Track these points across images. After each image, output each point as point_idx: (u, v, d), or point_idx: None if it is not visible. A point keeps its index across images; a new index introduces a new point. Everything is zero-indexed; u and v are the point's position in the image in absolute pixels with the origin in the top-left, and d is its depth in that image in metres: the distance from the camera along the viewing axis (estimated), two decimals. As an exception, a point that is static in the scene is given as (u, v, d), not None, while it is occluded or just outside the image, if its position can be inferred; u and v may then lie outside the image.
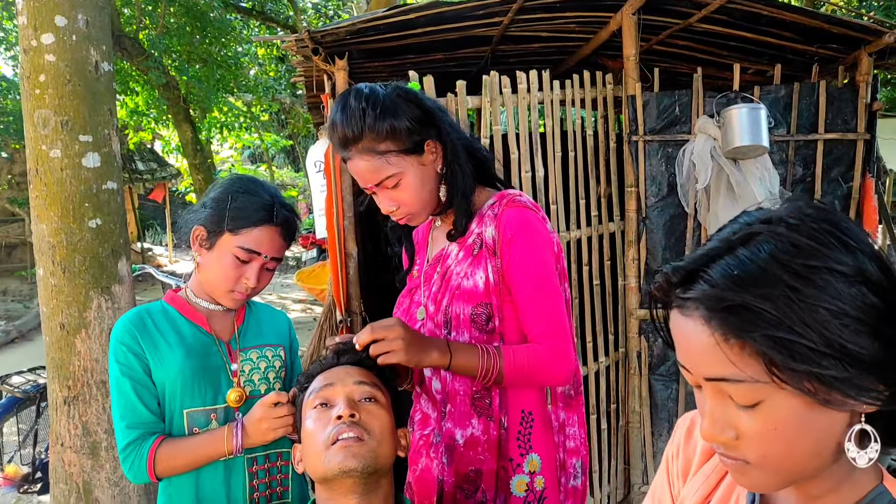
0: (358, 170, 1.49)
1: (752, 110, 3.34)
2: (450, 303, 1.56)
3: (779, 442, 0.71)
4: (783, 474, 0.74)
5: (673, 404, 3.80)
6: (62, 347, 2.91)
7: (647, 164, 3.66)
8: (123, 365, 1.57)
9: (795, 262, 0.69)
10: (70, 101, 2.81)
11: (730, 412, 0.73)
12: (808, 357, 0.67)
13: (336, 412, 1.31)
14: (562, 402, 1.66)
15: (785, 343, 0.67)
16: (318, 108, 4.73)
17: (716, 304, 0.70)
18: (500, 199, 1.58)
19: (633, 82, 3.58)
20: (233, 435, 1.53)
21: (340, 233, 3.35)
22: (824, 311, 0.67)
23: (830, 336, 0.67)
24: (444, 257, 1.63)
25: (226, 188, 1.65)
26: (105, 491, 2.97)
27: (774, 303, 0.68)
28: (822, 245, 0.70)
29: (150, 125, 12.27)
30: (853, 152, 3.67)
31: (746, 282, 0.69)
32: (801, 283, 0.68)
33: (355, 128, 1.45)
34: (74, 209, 2.85)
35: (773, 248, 0.70)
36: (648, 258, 3.72)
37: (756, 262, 0.70)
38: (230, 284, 1.60)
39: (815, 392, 0.68)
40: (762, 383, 0.69)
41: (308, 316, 10.04)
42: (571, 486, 1.66)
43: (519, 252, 1.52)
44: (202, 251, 1.63)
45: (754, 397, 0.71)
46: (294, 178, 21.04)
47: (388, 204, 1.53)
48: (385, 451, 1.32)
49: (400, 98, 1.50)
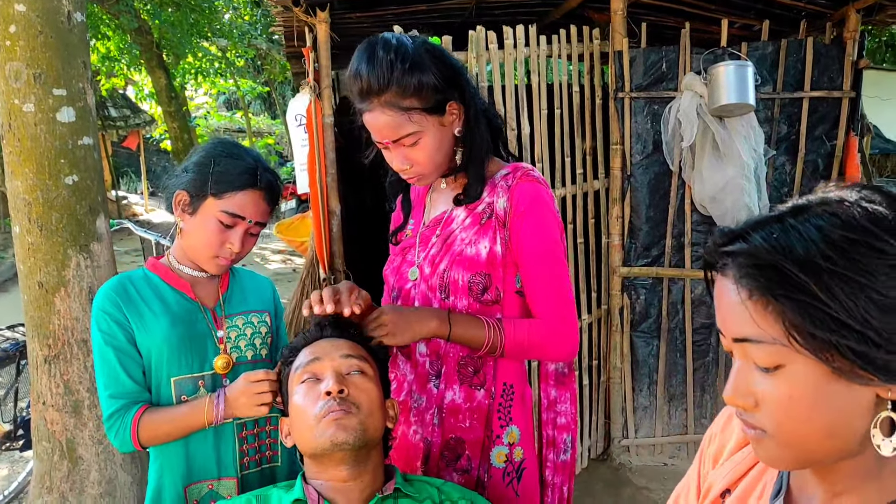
0: (377, 123, 1.43)
1: (739, 68, 3.31)
2: (448, 267, 1.53)
3: (795, 411, 0.71)
4: (798, 450, 0.74)
5: (654, 360, 3.86)
6: (41, 306, 2.87)
7: (633, 122, 3.63)
8: (106, 334, 1.55)
9: (837, 232, 0.69)
10: (42, 53, 2.70)
11: (752, 377, 0.74)
12: (828, 325, 0.67)
13: (324, 387, 1.30)
14: (553, 379, 1.66)
15: (808, 307, 0.68)
16: (298, 58, 4.62)
17: (747, 261, 0.72)
18: (514, 171, 1.55)
19: (620, 37, 3.52)
20: (213, 406, 1.52)
21: (323, 190, 3.31)
22: (855, 284, 0.67)
23: (857, 310, 0.66)
24: (447, 221, 1.59)
25: (208, 152, 1.60)
26: (89, 448, 2.96)
27: (803, 267, 0.68)
28: (871, 222, 0.69)
29: (123, 71, 11.95)
30: (838, 110, 3.66)
31: (783, 245, 0.70)
32: (836, 253, 0.68)
33: (381, 80, 1.38)
34: (50, 165, 2.77)
35: (820, 220, 0.70)
36: (632, 216, 3.72)
37: (799, 229, 0.70)
38: (214, 250, 1.57)
39: (834, 362, 0.68)
40: (783, 346, 0.70)
41: (287, 267, 10.01)
42: (561, 461, 1.68)
43: (530, 227, 1.50)
44: (185, 216, 1.59)
45: (774, 360, 0.71)
46: (270, 126, 20.70)
47: (402, 162, 1.47)
48: (374, 423, 1.32)
49: (428, 53, 1.43)
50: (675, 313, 3.82)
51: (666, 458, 3.94)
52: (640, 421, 3.93)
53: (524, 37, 3.32)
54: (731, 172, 3.44)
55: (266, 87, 17.39)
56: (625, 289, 3.79)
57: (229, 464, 1.62)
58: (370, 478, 1.31)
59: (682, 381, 3.88)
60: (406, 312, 1.47)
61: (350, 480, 1.29)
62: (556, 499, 1.69)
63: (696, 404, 3.91)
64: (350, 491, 1.29)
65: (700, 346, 3.85)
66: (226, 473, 1.62)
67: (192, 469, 1.60)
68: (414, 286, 1.61)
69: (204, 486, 1.60)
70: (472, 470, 1.56)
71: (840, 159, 3.70)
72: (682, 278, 3.77)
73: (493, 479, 1.57)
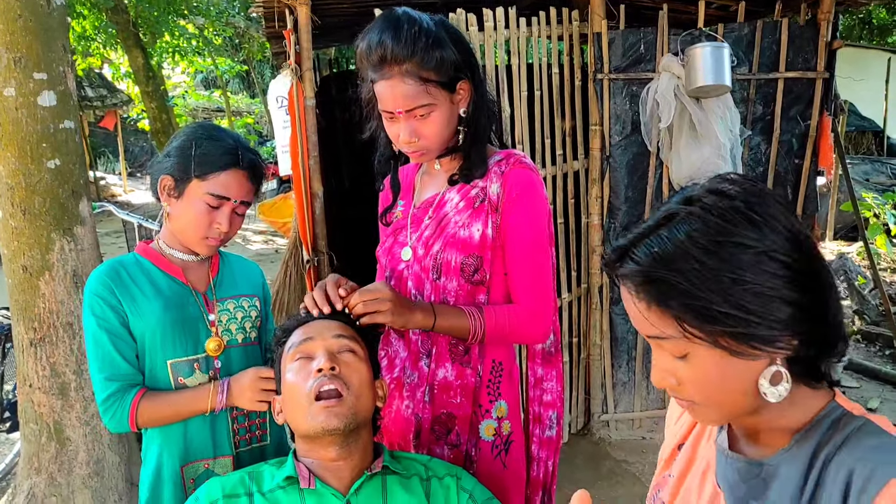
0: (393, 92, 1.46)
1: (715, 49, 3.36)
2: (442, 249, 1.57)
3: (710, 385, 0.85)
4: (724, 410, 0.88)
5: (632, 337, 3.94)
6: (26, 290, 2.89)
7: (612, 103, 3.68)
8: (100, 318, 1.58)
9: (704, 238, 0.80)
10: (22, 37, 2.70)
11: (669, 363, 0.88)
12: (717, 319, 0.80)
13: (316, 365, 1.35)
14: (540, 358, 1.72)
15: (696, 308, 0.80)
16: (278, 38, 4.60)
17: (638, 278, 0.84)
18: (508, 157, 1.59)
19: (599, 19, 3.56)
20: (217, 394, 1.58)
21: (306, 172, 3.33)
22: (727, 279, 0.79)
23: (735, 300, 0.79)
24: (439, 203, 1.62)
25: (188, 136, 1.63)
26: (76, 430, 2.99)
27: (685, 275, 0.80)
28: (728, 222, 0.81)
29: (99, 50, 11.78)
30: (812, 91, 3.73)
31: (663, 258, 0.82)
32: (707, 256, 0.80)
33: (406, 51, 1.42)
34: (32, 149, 2.78)
35: (687, 227, 0.82)
36: (611, 196, 3.78)
37: (672, 240, 0.82)
38: (203, 231, 1.61)
39: (729, 346, 0.81)
40: (686, 340, 0.83)
41: (269, 248, 10.01)
42: (547, 437, 1.74)
43: (519, 213, 1.55)
44: (171, 200, 1.62)
45: (682, 350, 0.84)
46: (249, 105, 20.52)
47: (410, 134, 1.50)
48: (364, 404, 1.37)
49: (447, 32, 1.49)
50: (653, 291, 3.89)
51: (644, 431, 4.04)
52: (619, 396, 4.02)
53: (504, 19, 3.34)
54: (707, 153, 3.50)
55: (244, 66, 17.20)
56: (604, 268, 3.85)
57: (224, 442, 1.67)
58: (359, 457, 1.36)
59: (659, 357, 3.96)
60: (402, 297, 1.52)
61: (340, 460, 1.34)
62: (542, 472, 1.75)
63: (674, 379, 3.99)
64: (340, 469, 1.34)
65: (677, 323, 3.93)
66: (221, 452, 1.66)
67: (190, 449, 1.64)
68: (407, 266, 1.64)
69: (200, 466, 1.65)
70: (462, 445, 1.62)
71: (814, 139, 3.77)
72: (660, 257, 3.83)
73: (481, 452, 1.63)
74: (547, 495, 1.78)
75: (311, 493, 1.32)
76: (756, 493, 0.89)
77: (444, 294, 1.58)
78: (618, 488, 3.48)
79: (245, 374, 1.58)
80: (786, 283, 0.80)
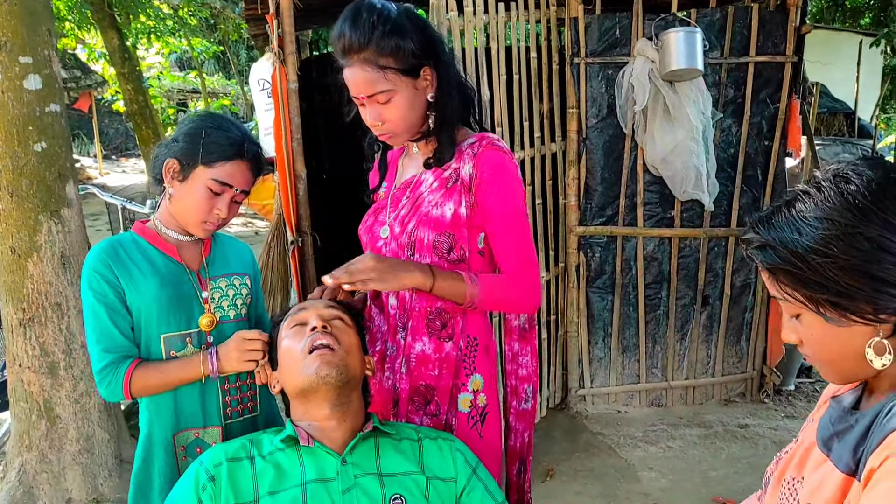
0: (354, 79, 1.55)
1: (688, 34, 3.46)
2: (415, 227, 1.65)
3: (819, 346, 0.98)
4: (833, 369, 1.00)
5: (608, 314, 4.06)
6: (14, 271, 2.93)
7: (588, 86, 3.77)
8: (98, 293, 1.64)
9: (806, 215, 0.92)
10: (7, 20, 2.73)
11: (787, 321, 1.01)
12: (812, 287, 0.92)
13: (310, 326, 1.48)
14: (517, 334, 1.81)
15: (799, 279, 0.93)
16: (257, 20, 4.62)
17: (752, 244, 0.99)
18: (480, 139, 1.66)
19: (575, 4, 3.64)
20: (208, 361, 1.65)
21: (289, 154, 3.39)
22: (818, 254, 0.90)
23: (824, 272, 0.90)
24: (416, 184, 1.70)
25: (198, 124, 1.71)
26: (66, 408, 3.05)
27: (787, 247, 0.93)
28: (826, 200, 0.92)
29: (74, 31, 11.64)
30: (781, 74, 3.85)
31: (775, 231, 0.95)
32: (800, 231, 0.92)
33: (362, 39, 1.50)
34: (18, 132, 2.82)
35: (800, 206, 0.94)
36: (588, 177, 3.88)
37: (786, 216, 0.95)
38: (203, 215, 1.69)
39: (825, 314, 0.93)
40: (794, 302, 0.96)
41: (249, 230, 10.02)
42: (522, 409, 1.84)
43: (495, 192, 1.62)
44: (175, 183, 1.70)
45: (793, 311, 0.98)
46: (225, 86, 20.32)
47: (374, 118, 1.58)
48: (354, 362, 1.48)
49: (409, 21, 1.56)
50: (628, 270, 4.01)
51: (620, 405, 4.17)
52: (596, 371, 4.15)
53: (483, 3, 3.41)
54: (681, 135, 3.61)
55: (220, 47, 17.04)
56: (581, 247, 3.96)
57: (214, 413, 1.75)
58: (352, 420, 1.46)
59: (634, 333, 4.09)
60: (391, 260, 1.59)
61: (333, 419, 1.44)
62: (519, 443, 1.86)
63: (648, 355, 4.13)
64: (333, 430, 1.44)
65: (651, 301, 4.07)
66: (210, 423, 1.75)
67: (180, 418, 1.72)
68: (385, 244, 1.73)
69: (190, 434, 1.73)
70: (441, 414, 1.71)
71: (783, 121, 3.90)
72: (635, 236, 3.95)
73: (458, 423, 1.72)
74: (523, 465, 1.89)
75: (308, 452, 1.41)
76: (840, 437, 0.98)
77: None
78: (594, 459, 3.61)
79: (231, 338, 1.67)
80: (872, 262, 0.88)
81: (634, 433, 3.87)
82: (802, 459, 1.07)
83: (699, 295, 4.08)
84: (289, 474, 1.39)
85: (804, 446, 1.09)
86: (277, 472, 1.39)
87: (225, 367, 1.66)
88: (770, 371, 4.18)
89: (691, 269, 4.05)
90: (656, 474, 3.47)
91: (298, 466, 1.40)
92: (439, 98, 1.63)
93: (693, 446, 3.73)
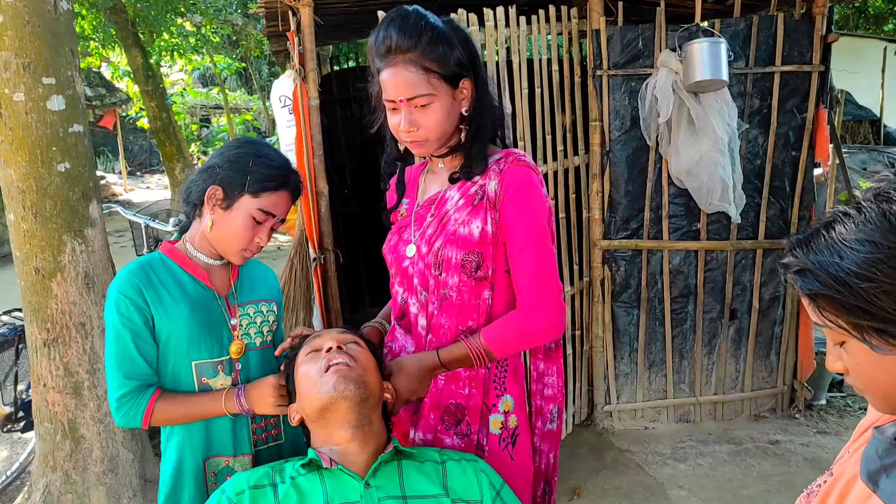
0: (395, 79, 1.53)
1: (712, 44, 3.40)
2: (443, 246, 1.63)
3: (864, 374, 0.93)
4: (881, 398, 0.95)
5: (634, 329, 4.00)
6: (38, 291, 2.94)
7: (611, 99, 3.73)
8: (125, 317, 1.62)
9: (847, 237, 0.88)
10: (31, 42, 2.75)
11: (832, 348, 0.96)
12: (856, 314, 0.87)
13: (325, 348, 1.50)
14: (542, 353, 1.77)
15: (843, 307, 0.88)
16: (278, 37, 4.65)
17: (804, 290, 0.93)
18: (507, 155, 1.64)
19: (597, 16, 3.61)
20: (234, 401, 1.65)
21: (311, 170, 3.39)
22: (860, 279, 0.85)
23: (867, 298, 0.85)
24: (441, 201, 1.68)
25: (242, 152, 1.69)
26: (90, 428, 3.05)
27: (827, 272, 0.88)
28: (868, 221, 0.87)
29: (98, 50, 11.80)
30: (808, 84, 3.78)
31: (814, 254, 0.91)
32: (841, 255, 0.87)
33: (411, 40, 1.50)
34: (42, 153, 2.83)
35: (840, 228, 0.90)
36: (612, 190, 3.83)
37: (825, 239, 0.90)
38: (244, 243, 1.68)
39: (870, 341, 0.87)
40: (839, 330, 0.90)
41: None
42: (548, 429, 1.80)
43: (518, 209, 1.59)
44: (217, 210, 1.68)
45: (837, 338, 0.93)
46: (248, 101, 20.54)
47: (409, 124, 1.56)
48: (372, 379, 1.48)
49: (455, 32, 1.57)
50: (653, 283, 3.95)
51: (647, 422, 4.10)
52: (622, 387, 4.08)
53: (504, 18, 3.39)
54: (706, 146, 3.55)
55: (242, 63, 17.22)
56: (605, 261, 3.91)
57: (245, 441, 1.73)
58: (374, 442, 1.45)
59: (661, 348, 4.03)
60: (409, 372, 1.63)
61: (354, 442, 1.42)
62: (544, 464, 1.81)
63: (675, 370, 4.06)
64: (355, 454, 1.42)
65: (678, 315, 4.00)
66: (241, 451, 1.73)
67: (212, 445, 1.70)
68: (412, 264, 1.70)
69: (221, 461, 1.71)
70: (472, 434, 1.68)
71: (810, 131, 3.83)
72: (661, 250, 3.89)
73: (490, 444, 1.69)
74: (548, 486, 1.85)
75: (331, 476, 1.39)
76: (889, 471, 0.94)
77: (445, 289, 1.64)
78: (622, 477, 3.54)
79: (264, 381, 1.66)
80: None
81: (662, 450, 3.80)
82: (843, 494, 1.01)
83: (727, 308, 4.01)
84: (311, 498, 1.36)
85: (844, 479, 1.03)
86: (300, 496, 1.37)
87: (257, 411, 1.66)
88: (801, 386, 4.09)
89: (718, 283, 3.98)
90: (686, 493, 3.40)
91: (321, 490, 1.38)
92: (474, 112, 1.62)
93: (723, 463, 3.65)
